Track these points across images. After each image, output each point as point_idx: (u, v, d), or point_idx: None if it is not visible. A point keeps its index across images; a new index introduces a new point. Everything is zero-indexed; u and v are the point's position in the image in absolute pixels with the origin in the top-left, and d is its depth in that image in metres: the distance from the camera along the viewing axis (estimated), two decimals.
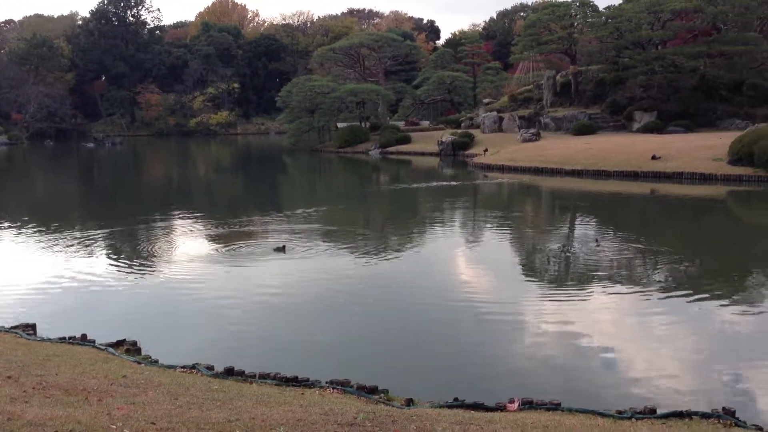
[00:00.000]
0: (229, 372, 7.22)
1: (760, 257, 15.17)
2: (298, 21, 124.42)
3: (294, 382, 6.95)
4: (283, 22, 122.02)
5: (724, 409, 5.92)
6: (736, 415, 5.82)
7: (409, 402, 6.32)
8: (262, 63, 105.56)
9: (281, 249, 15.18)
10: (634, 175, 29.11)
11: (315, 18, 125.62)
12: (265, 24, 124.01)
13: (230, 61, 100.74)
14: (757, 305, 10.94)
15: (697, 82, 43.97)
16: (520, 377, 8.11)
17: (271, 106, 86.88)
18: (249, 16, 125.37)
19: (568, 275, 13.54)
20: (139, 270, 13.98)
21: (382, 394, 6.57)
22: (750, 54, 44.31)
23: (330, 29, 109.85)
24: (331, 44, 70.91)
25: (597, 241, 16.05)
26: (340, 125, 56.27)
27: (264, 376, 7.11)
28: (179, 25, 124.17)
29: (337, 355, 8.99)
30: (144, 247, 16.76)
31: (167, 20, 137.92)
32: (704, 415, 5.81)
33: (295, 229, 18.55)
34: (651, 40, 46.62)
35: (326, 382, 6.86)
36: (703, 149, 29.81)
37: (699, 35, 46.82)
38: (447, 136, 46.93)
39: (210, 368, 7.41)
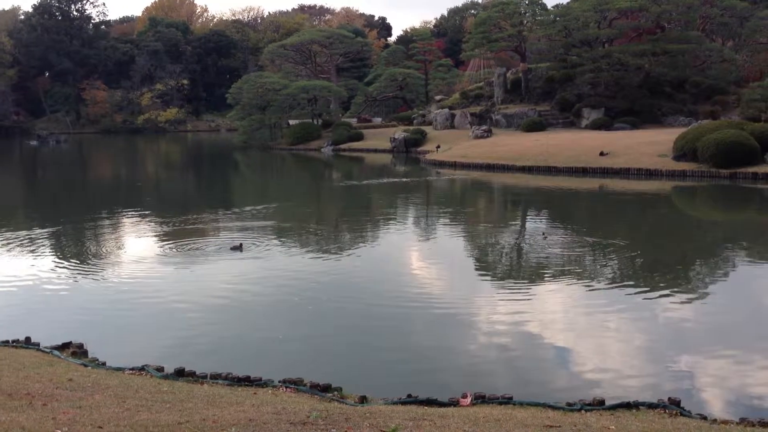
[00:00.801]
0: (180, 373, 7.10)
1: (703, 250, 15.60)
2: (248, 17, 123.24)
3: (246, 381, 6.88)
4: (233, 18, 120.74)
5: (669, 399, 6.07)
6: (681, 405, 5.98)
7: (363, 399, 6.31)
8: (211, 59, 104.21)
9: (238, 247, 14.99)
10: (583, 171, 29.64)
11: (265, 14, 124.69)
12: (215, 20, 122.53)
13: (179, 57, 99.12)
14: (701, 297, 11.26)
15: (642, 80, 45.02)
16: (474, 372, 8.17)
17: (221, 102, 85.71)
18: (198, 11, 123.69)
19: (520, 270, 13.71)
20: (86, 270, 13.64)
21: (335, 392, 6.56)
22: (692, 52, 45.51)
23: (281, 25, 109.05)
24: (282, 41, 70.44)
25: (544, 234, 16.28)
26: (292, 122, 55.92)
27: (215, 377, 7.02)
28: (125, 20, 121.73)
29: (290, 354, 8.93)
30: (91, 247, 16.39)
31: (113, 15, 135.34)
32: (651, 405, 5.95)
33: (247, 227, 18.36)
34: (598, 38, 47.52)
35: (279, 381, 6.81)
36: (649, 145, 30.53)
37: (644, 34, 47.90)
38: (399, 132, 47.09)
39: (159, 370, 7.28)
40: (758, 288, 12.14)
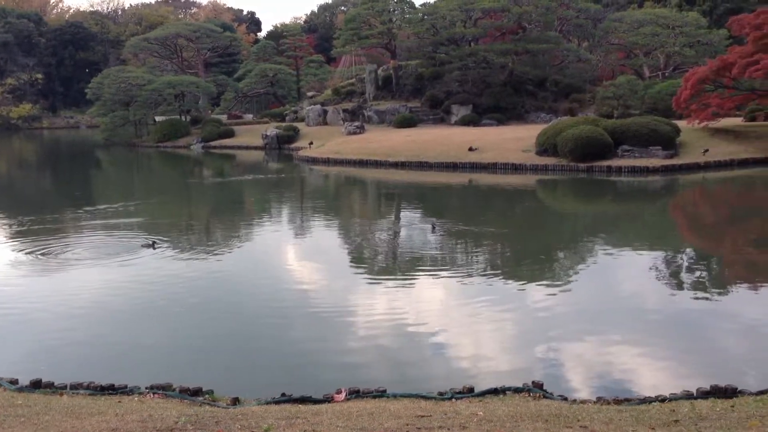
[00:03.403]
0: (36, 384, 6.65)
1: (565, 240, 16.44)
2: (107, 8, 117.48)
3: (110, 390, 6.55)
4: (91, 9, 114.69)
5: (533, 382, 6.34)
6: (544, 388, 6.26)
7: (236, 401, 6.16)
8: (68, 52, 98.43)
9: (150, 245, 14.37)
10: (453, 166, 30.46)
11: (126, 5, 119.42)
12: (71, 11, 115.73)
13: (32, 50, 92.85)
14: (565, 285, 11.84)
15: (506, 78, 46.87)
16: (352, 368, 8.17)
17: (80, 98, 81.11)
18: (52, 1, 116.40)
19: (395, 264, 13.88)
20: None
21: (206, 396, 6.36)
22: (551, 52, 47.91)
23: (144, 18, 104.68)
24: (146, 34, 67.69)
25: (434, 227, 16.54)
26: (158, 119, 53.97)
27: (76, 387, 6.63)
28: None
29: (159, 360, 8.58)
30: None
31: None
32: (516, 390, 6.20)
33: (109, 227, 17.50)
34: (464, 37, 49.00)
35: (146, 388, 6.54)
36: (514, 141, 31.83)
37: (507, 33, 49.88)
38: (271, 129, 46.58)
39: (14, 382, 6.79)
40: (615, 275, 12.91)
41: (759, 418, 4.76)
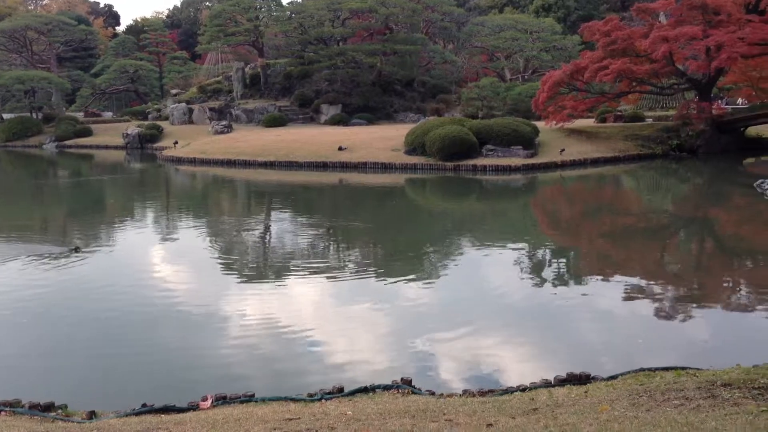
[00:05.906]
0: None
1: (432, 237, 16.80)
2: None
3: None
4: None
5: (402, 379, 6.40)
6: (413, 384, 6.33)
7: (92, 415, 5.80)
8: None
9: (75, 250, 13.74)
10: (323, 166, 30.43)
11: None
12: None
13: None
14: (432, 280, 12.09)
15: (375, 78, 47.47)
16: (221, 373, 7.91)
17: None
18: None
19: (266, 265, 13.64)
20: None
21: (59, 410, 5.95)
22: (418, 53, 48.98)
23: None
24: None
25: (328, 230, 16.35)
26: (6, 116, 50.54)
27: None
28: None
29: (6, 375, 7.94)
30: None
31: None
32: (386, 387, 6.23)
33: None
34: (333, 36, 49.16)
35: None
36: (383, 140, 32.24)
37: (375, 34, 50.52)
38: (133, 128, 44.73)
39: None
40: (481, 269, 13.32)
41: (609, 402, 5.03)
